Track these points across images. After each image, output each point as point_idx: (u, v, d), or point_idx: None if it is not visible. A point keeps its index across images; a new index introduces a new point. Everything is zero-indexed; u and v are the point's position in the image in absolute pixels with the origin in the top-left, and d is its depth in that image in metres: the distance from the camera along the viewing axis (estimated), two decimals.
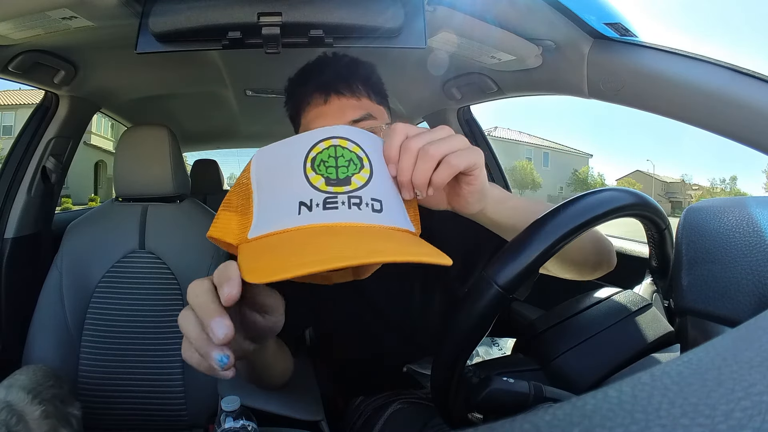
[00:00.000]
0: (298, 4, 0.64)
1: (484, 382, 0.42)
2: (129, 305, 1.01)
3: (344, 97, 0.64)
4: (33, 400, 0.69)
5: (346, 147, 0.37)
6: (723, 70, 0.61)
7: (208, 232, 0.39)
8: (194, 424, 0.99)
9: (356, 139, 0.38)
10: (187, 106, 1.78)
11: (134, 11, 0.68)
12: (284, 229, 0.34)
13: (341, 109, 0.63)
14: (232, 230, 0.37)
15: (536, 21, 0.73)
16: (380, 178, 0.37)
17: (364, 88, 0.66)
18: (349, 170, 0.36)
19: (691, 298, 0.33)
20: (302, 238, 0.33)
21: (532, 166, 30.66)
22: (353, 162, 0.37)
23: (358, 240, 0.32)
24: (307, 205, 0.34)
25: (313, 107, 0.65)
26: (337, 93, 0.64)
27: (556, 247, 0.39)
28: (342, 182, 0.36)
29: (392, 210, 0.37)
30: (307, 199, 0.35)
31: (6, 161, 1.11)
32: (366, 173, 0.37)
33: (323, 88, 0.64)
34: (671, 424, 0.11)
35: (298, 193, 0.35)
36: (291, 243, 0.32)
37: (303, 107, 0.66)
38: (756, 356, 0.14)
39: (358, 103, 0.64)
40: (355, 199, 0.35)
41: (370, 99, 0.66)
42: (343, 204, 0.35)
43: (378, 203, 0.36)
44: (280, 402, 0.64)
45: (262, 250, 0.33)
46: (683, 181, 38.17)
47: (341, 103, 0.64)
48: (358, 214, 0.35)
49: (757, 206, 0.33)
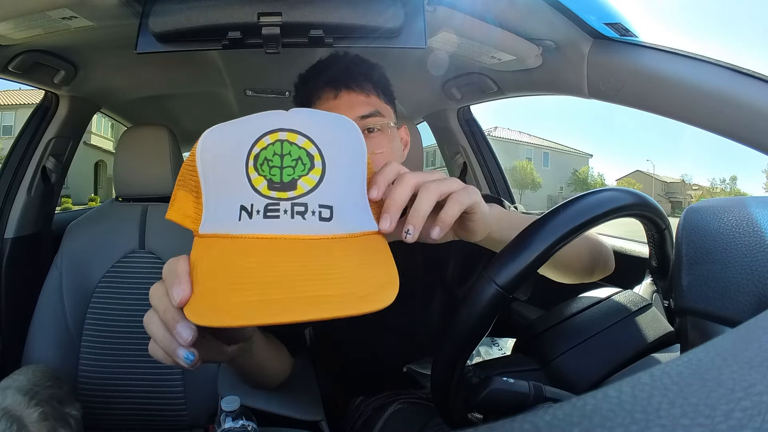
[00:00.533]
0: (298, 4, 0.64)
1: (484, 382, 0.42)
2: (129, 305, 1.01)
3: (354, 92, 0.64)
4: (30, 402, 0.69)
5: (295, 143, 0.34)
6: (723, 70, 0.61)
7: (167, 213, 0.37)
8: (194, 424, 0.99)
9: (308, 132, 0.34)
10: (187, 106, 1.78)
11: (134, 11, 0.68)
12: (226, 234, 0.33)
13: (351, 104, 0.64)
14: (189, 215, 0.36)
15: (536, 21, 0.73)
16: (334, 178, 0.34)
17: (374, 87, 0.66)
18: (295, 172, 0.33)
19: (691, 298, 0.33)
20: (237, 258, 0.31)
21: (532, 166, 30.64)
22: (301, 161, 0.33)
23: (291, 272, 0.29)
24: (248, 210, 0.32)
25: (323, 101, 0.65)
26: (347, 88, 0.64)
27: (556, 247, 0.39)
28: (286, 186, 0.32)
29: (346, 214, 0.34)
30: (248, 203, 0.32)
31: (6, 161, 1.11)
32: (316, 174, 0.33)
33: (334, 83, 0.64)
34: (671, 424, 0.11)
35: (240, 196, 0.33)
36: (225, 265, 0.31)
37: (313, 101, 0.66)
38: (756, 356, 0.14)
39: (367, 99, 0.65)
40: (300, 207, 0.32)
41: (379, 97, 0.67)
42: (286, 212, 0.32)
43: (327, 210, 0.33)
44: (280, 402, 0.64)
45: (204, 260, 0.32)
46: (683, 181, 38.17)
47: (351, 99, 0.64)
48: (301, 225, 0.32)
49: (757, 206, 0.33)
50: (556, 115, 78.58)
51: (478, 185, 1.44)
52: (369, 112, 0.64)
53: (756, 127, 0.58)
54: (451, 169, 1.53)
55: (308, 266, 0.30)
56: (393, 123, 0.67)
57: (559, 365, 0.46)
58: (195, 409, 0.98)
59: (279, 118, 0.35)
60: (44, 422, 0.68)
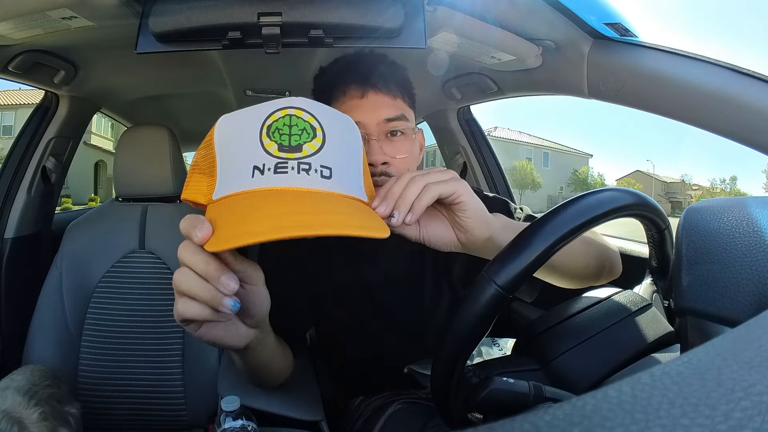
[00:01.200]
0: (298, 4, 0.64)
1: (484, 382, 0.42)
2: (129, 305, 1.01)
3: (381, 94, 0.64)
4: (29, 402, 0.69)
5: (301, 117, 0.40)
6: (723, 70, 0.61)
7: (182, 194, 0.42)
8: (194, 424, 0.99)
9: (312, 110, 0.41)
10: (187, 106, 1.78)
11: (134, 11, 0.68)
12: (240, 191, 0.38)
13: (377, 105, 0.63)
14: (203, 191, 0.41)
15: (536, 21, 0.73)
16: (332, 147, 0.40)
17: (399, 90, 0.66)
18: (301, 138, 0.39)
19: (691, 298, 0.33)
20: (251, 202, 0.36)
21: (532, 166, 30.63)
22: (306, 131, 0.39)
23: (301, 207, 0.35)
24: (260, 169, 0.37)
25: (348, 99, 0.64)
26: (375, 89, 0.63)
27: (557, 247, 0.39)
28: (293, 149, 0.38)
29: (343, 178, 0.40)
30: (260, 163, 0.38)
31: (6, 161, 1.11)
32: (318, 142, 0.39)
33: (362, 82, 0.63)
34: (671, 424, 0.11)
35: (253, 158, 0.38)
36: (241, 208, 0.36)
37: (337, 96, 0.65)
38: (756, 356, 0.14)
39: (393, 102, 0.64)
40: (305, 165, 0.38)
41: (404, 101, 0.66)
42: (293, 169, 0.37)
43: (327, 170, 0.38)
44: (280, 402, 0.64)
45: (220, 212, 0.36)
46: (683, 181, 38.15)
47: (378, 100, 0.63)
48: (306, 179, 0.37)
49: (757, 206, 0.33)
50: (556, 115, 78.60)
51: (478, 185, 1.44)
52: (395, 116, 0.63)
53: (756, 127, 0.58)
54: (451, 168, 1.53)
55: (315, 203, 0.36)
56: (415, 127, 0.67)
57: (559, 365, 0.46)
58: (195, 409, 0.98)
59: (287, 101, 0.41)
60: (44, 422, 0.68)
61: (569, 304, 0.52)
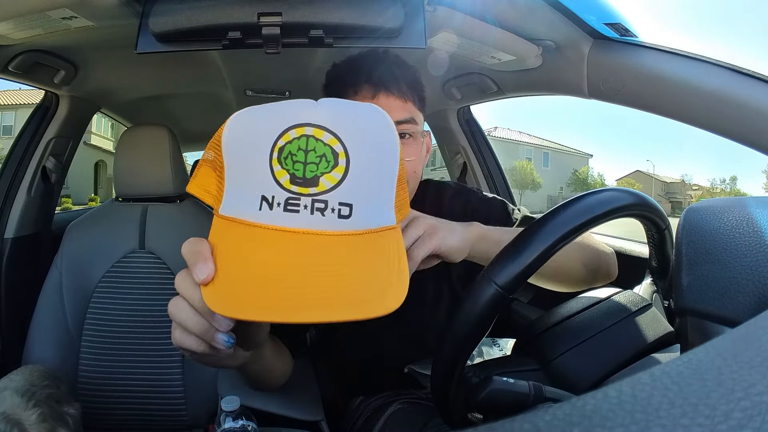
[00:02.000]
0: (298, 4, 0.64)
1: (484, 382, 0.42)
2: (129, 305, 1.01)
3: (393, 96, 0.64)
4: (28, 403, 0.69)
5: (321, 139, 0.33)
6: (723, 70, 0.61)
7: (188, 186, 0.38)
8: (194, 424, 0.99)
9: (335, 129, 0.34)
10: (187, 106, 1.78)
11: (134, 11, 0.68)
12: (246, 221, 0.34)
13: (388, 107, 0.62)
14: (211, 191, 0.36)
15: (536, 21, 0.73)
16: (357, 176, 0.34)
17: (411, 92, 0.66)
18: (318, 168, 0.33)
19: (691, 298, 0.33)
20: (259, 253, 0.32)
21: (532, 166, 30.62)
22: (326, 158, 0.33)
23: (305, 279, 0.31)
24: (269, 201, 0.33)
25: (359, 99, 0.64)
26: (387, 91, 0.64)
27: (557, 247, 0.39)
28: (308, 182, 0.33)
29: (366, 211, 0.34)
30: (270, 195, 0.33)
31: (6, 161, 1.11)
32: (339, 172, 0.33)
33: (374, 83, 0.64)
34: (671, 424, 0.11)
35: (262, 186, 0.33)
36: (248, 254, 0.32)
37: (348, 95, 0.65)
38: (756, 356, 0.14)
39: (404, 105, 0.65)
40: (320, 204, 0.33)
41: (414, 104, 0.67)
42: (306, 208, 0.32)
43: (347, 208, 0.33)
44: (280, 402, 0.64)
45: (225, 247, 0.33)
46: (683, 182, 38.14)
47: (389, 102, 0.63)
48: (320, 221, 0.33)
49: (757, 206, 0.33)
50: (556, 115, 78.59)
51: (478, 185, 1.44)
52: (405, 119, 0.64)
53: (756, 127, 0.58)
54: (451, 169, 1.53)
55: (321, 264, 0.32)
56: (424, 130, 0.68)
57: (559, 365, 0.46)
58: (195, 409, 0.98)
59: (307, 111, 0.34)
60: (43, 423, 0.68)
61: (569, 304, 0.52)
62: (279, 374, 0.61)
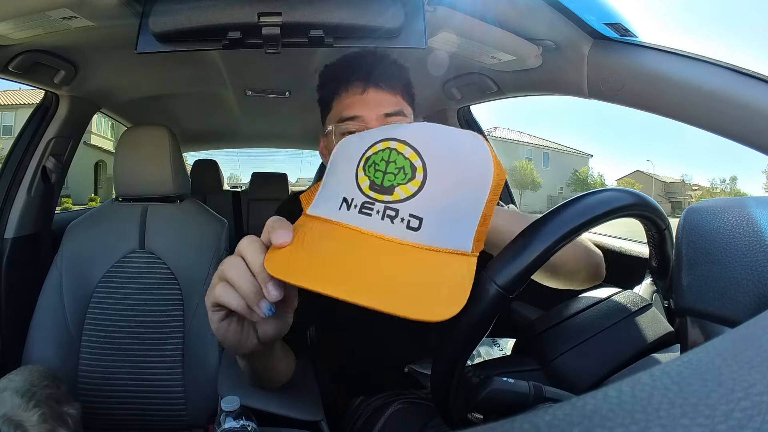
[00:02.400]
0: (298, 4, 0.64)
1: (484, 382, 0.42)
2: (129, 305, 1.01)
3: (382, 91, 0.66)
4: (28, 404, 0.69)
5: (402, 153, 0.36)
6: (723, 70, 0.61)
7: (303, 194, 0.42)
8: (194, 424, 0.99)
9: (417, 145, 0.36)
10: (187, 106, 1.78)
11: (134, 11, 0.68)
12: (325, 217, 0.37)
13: (378, 100, 0.65)
14: (309, 201, 0.41)
15: (536, 21, 0.73)
16: (432, 193, 0.35)
17: (400, 87, 0.68)
18: (396, 179, 0.35)
19: (691, 298, 0.33)
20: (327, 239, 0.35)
21: (532, 166, 30.63)
22: (404, 171, 0.35)
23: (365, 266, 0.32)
24: (348, 203, 0.36)
25: (350, 95, 0.67)
26: (376, 85, 0.66)
27: (557, 247, 0.39)
28: (385, 190, 0.35)
29: (436, 229, 0.35)
30: (350, 197, 0.36)
31: (6, 161, 1.11)
32: (414, 185, 0.35)
33: (364, 78, 0.66)
34: (671, 424, 0.11)
35: (346, 189, 0.37)
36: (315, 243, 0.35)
37: (339, 92, 0.68)
38: (756, 356, 0.14)
39: (393, 98, 0.67)
40: (391, 211, 0.35)
41: (404, 98, 0.69)
42: (378, 213, 0.35)
43: (417, 220, 0.34)
44: (280, 402, 0.64)
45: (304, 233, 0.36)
46: (683, 182, 38.15)
47: (379, 96, 0.66)
48: (389, 227, 0.34)
49: (757, 206, 0.33)
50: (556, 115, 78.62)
51: None
52: (394, 111, 0.66)
53: (756, 127, 0.58)
54: None
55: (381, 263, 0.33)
56: None
57: (559, 365, 0.46)
58: (195, 409, 0.98)
59: (398, 129, 0.38)
60: (44, 424, 0.68)
61: (569, 305, 0.52)
62: (283, 372, 0.61)
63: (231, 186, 3.55)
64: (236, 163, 19.65)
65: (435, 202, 0.35)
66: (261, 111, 1.75)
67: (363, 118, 0.65)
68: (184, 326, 1.00)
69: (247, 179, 2.92)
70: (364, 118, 0.65)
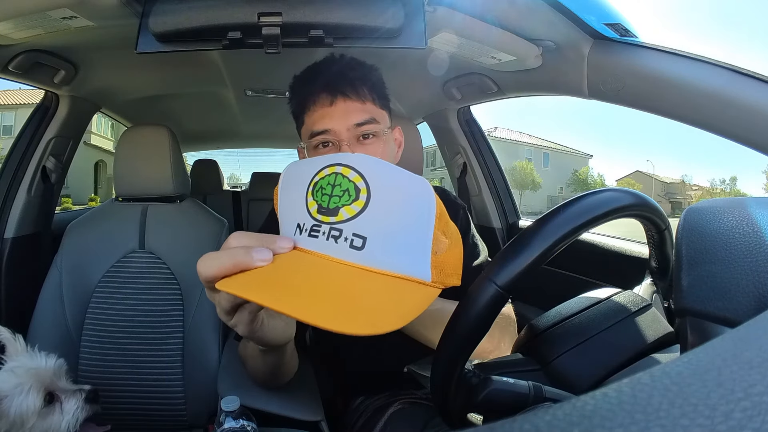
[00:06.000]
0: (298, 5, 0.64)
1: (484, 382, 0.42)
2: (129, 305, 1.01)
3: (350, 100, 0.65)
4: None
5: (347, 176, 0.37)
6: (723, 70, 0.61)
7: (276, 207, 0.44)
8: (194, 424, 0.99)
9: (361, 169, 0.37)
10: (187, 106, 1.78)
11: (134, 11, 0.68)
12: None
13: (346, 111, 0.64)
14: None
15: (536, 21, 0.73)
16: (376, 214, 0.36)
17: (369, 92, 0.67)
18: (341, 200, 0.36)
19: (691, 299, 0.33)
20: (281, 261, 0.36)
21: (532, 167, 30.62)
22: (348, 192, 0.37)
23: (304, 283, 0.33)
24: (300, 227, 0.38)
25: (319, 107, 0.66)
26: (343, 95, 0.65)
27: (556, 247, 0.39)
28: (330, 212, 0.36)
29: (381, 249, 0.35)
30: (302, 222, 0.38)
31: (6, 161, 1.11)
32: (358, 206, 0.36)
33: (330, 90, 0.65)
34: (671, 424, 0.11)
35: (298, 215, 0.38)
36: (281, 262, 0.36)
37: (308, 106, 0.67)
38: (756, 356, 0.14)
39: (362, 106, 0.65)
40: (335, 232, 0.36)
41: (374, 103, 0.67)
42: (323, 234, 0.36)
43: (360, 240, 0.35)
44: (280, 402, 0.64)
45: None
46: (683, 182, 38.15)
47: (347, 106, 0.64)
48: (332, 248, 0.35)
49: (757, 206, 0.33)
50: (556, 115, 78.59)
51: (478, 185, 1.44)
52: (364, 120, 0.64)
53: (756, 128, 0.58)
54: (451, 169, 1.53)
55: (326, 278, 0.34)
56: (387, 127, 0.68)
57: (559, 366, 0.46)
58: (195, 409, 0.98)
59: (344, 156, 0.39)
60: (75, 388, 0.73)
61: (569, 305, 0.52)
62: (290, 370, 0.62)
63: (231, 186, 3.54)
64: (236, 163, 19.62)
65: (379, 222, 0.36)
66: (261, 111, 1.75)
67: (333, 131, 0.64)
68: (184, 326, 1.00)
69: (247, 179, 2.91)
70: (334, 130, 0.64)
